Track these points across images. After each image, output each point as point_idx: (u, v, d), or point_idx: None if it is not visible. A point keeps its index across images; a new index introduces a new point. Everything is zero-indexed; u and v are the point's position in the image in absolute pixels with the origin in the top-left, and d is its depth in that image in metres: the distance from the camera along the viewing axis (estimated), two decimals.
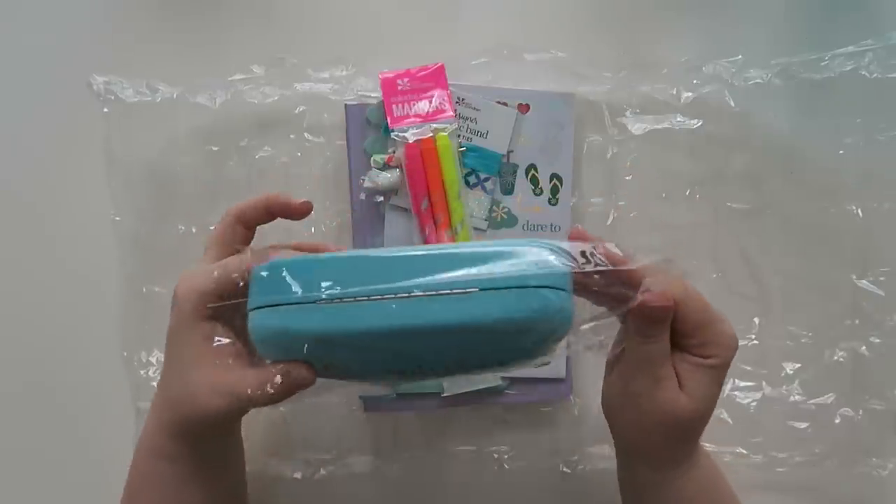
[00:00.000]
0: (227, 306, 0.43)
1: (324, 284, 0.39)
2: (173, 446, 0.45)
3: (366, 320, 0.38)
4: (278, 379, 0.41)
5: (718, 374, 0.44)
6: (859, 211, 0.59)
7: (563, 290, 0.38)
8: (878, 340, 0.58)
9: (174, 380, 0.44)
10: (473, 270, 0.38)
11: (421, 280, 0.38)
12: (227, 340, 0.44)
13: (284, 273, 0.40)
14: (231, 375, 0.43)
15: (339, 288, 0.38)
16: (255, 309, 0.40)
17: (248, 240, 0.48)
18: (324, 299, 0.38)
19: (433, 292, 0.37)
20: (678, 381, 0.44)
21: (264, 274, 0.40)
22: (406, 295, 0.38)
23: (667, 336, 0.43)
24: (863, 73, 0.58)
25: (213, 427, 0.45)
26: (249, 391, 0.41)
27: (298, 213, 0.48)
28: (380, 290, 0.38)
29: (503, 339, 0.39)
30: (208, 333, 0.43)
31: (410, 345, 0.39)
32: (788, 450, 0.58)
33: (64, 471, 0.59)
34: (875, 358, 0.58)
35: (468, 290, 0.37)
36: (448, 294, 0.38)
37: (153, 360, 0.58)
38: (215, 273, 0.43)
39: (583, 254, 0.40)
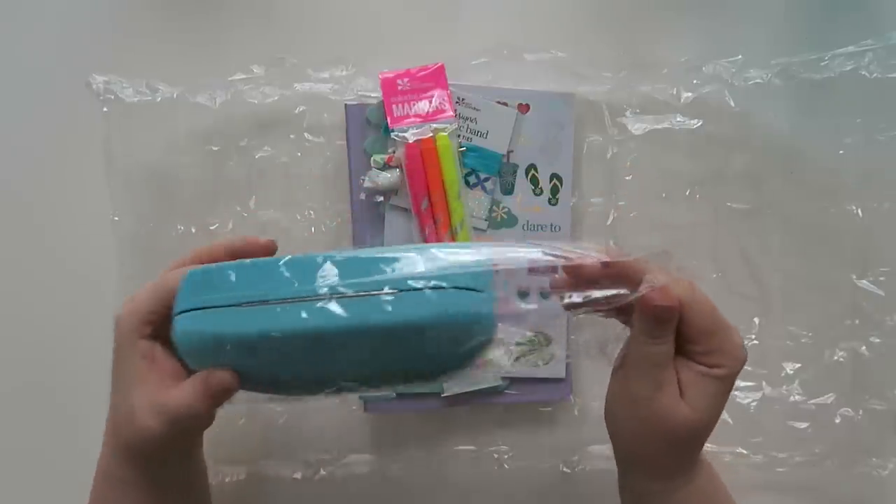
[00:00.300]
0: (163, 318, 0.42)
1: (241, 288, 0.38)
2: (123, 471, 0.44)
3: (275, 322, 0.37)
4: (199, 387, 0.40)
5: (724, 385, 0.43)
6: (859, 211, 0.59)
7: (477, 290, 0.37)
8: (878, 340, 0.58)
9: (117, 402, 0.44)
10: (390, 273, 0.37)
11: (334, 282, 0.37)
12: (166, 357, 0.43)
13: (203, 279, 0.40)
14: (166, 394, 0.42)
15: (254, 291, 0.38)
16: (176, 315, 0.40)
17: None
18: (239, 303, 0.38)
19: (350, 293, 0.37)
20: (680, 389, 0.42)
21: (184, 282, 0.40)
22: (318, 297, 0.37)
23: (671, 339, 0.42)
24: (863, 73, 0.58)
25: (159, 450, 0.43)
26: (176, 407, 0.41)
27: (264, 251, 0.47)
28: (294, 291, 0.37)
29: (416, 343, 0.38)
30: (147, 352, 0.43)
31: (324, 349, 0.38)
32: (788, 450, 0.58)
33: (63, 471, 0.58)
34: (875, 358, 0.58)
35: (380, 291, 0.37)
36: (361, 296, 0.37)
37: None
38: (151, 289, 0.43)
39: (567, 251, 0.39)
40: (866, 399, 0.58)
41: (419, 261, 0.37)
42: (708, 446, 0.47)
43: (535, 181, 0.57)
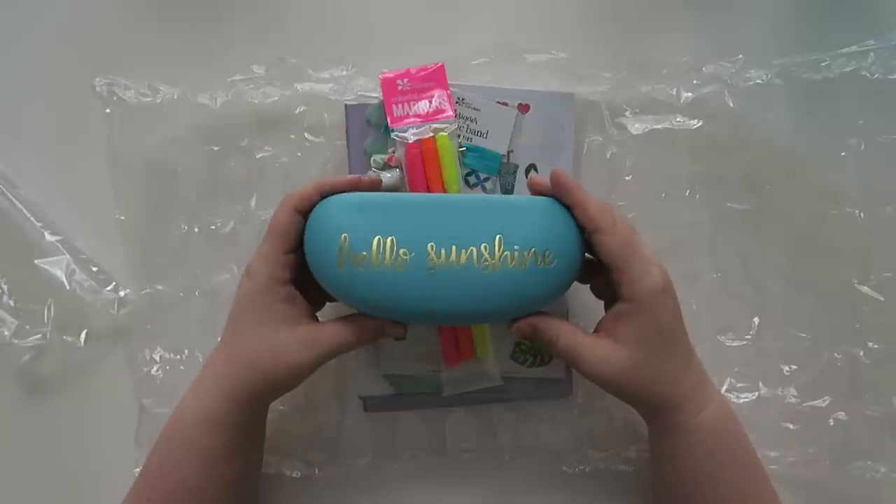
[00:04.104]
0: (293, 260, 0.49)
1: None
2: (229, 415, 0.48)
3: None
4: (369, 328, 0.48)
5: (633, 322, 0.46)
6: (860, 214, 0.58)
7: None
8: (876, 346, 0.58)
9: (252, 341, 0.48)
10: None
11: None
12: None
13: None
14: (319, 329, 0.48)
15: None
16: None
17: (303, 226, 0.49)
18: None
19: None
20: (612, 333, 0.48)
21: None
22: None
23: None
24: (864, 73, 0.58)
25: (286, 385, 0.49)
26: (329, 340, 0.48)
27: (351, 185, 0.50)
28: None
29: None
30: (288, 296, 0.48)
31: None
32: (781, 449, 0.57)
33: (67, 468, 0.59)
34: (872, 363, 0.57)
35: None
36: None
37: (156, 357, 0.58)
38: (272, 235, 0.48)
39: None
40: (862, 403, 0.57)
41: None
42: None
43: None
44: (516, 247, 0.46)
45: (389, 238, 0.46)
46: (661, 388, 0.48)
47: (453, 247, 0.46)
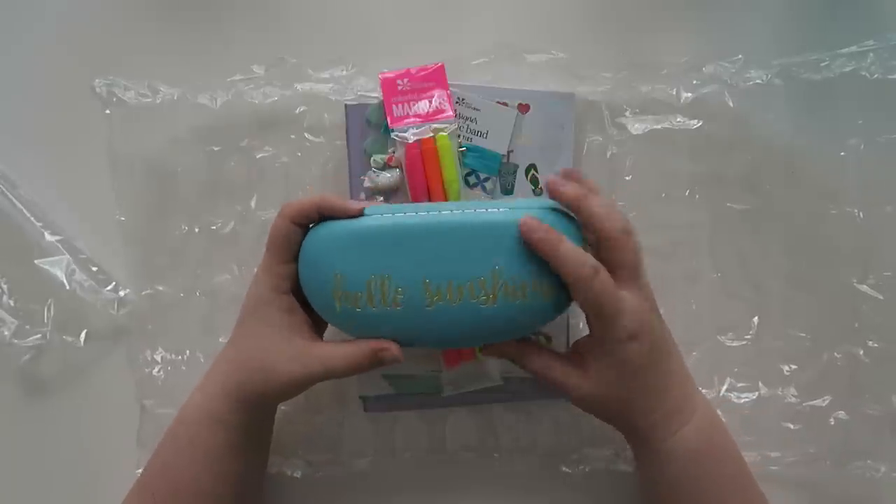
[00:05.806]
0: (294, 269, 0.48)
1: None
2: (233, 414, 0.48)
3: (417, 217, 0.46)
4: (368, 353, 0.47)
5: (604, 349, 0.46)
6: (860, 213, 0.58)
7: None
8: (876, 345, 0.58)
9: (253, 349, 0.48)
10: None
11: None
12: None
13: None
14: (315, 347, 0.48)
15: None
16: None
17: (302, 237, 0.48)
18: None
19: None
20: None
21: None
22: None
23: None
24: (863, 73, 0.58)
25: (281, 395, 0.49)
26: (339, 364, 0.47)
27: (350, 215, 0.48)
28: None
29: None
30: (288, 306, 0.48)
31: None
32: (782, 449, 0.57)
33: (67, 468, 0.59)
34: (872, 362, 0.57)
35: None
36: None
37: (158, 358, 0.58)
38: (272, 246, 0.48)
39: None
40: (862, 403, 0.57)
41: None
42: None
43: (535, 181, 0.57)
44: (514, 275, 0.45)
45: (384, 278, 0.45)
46: (632, 418, 0.48)
47: (450, 282, 0.45)
